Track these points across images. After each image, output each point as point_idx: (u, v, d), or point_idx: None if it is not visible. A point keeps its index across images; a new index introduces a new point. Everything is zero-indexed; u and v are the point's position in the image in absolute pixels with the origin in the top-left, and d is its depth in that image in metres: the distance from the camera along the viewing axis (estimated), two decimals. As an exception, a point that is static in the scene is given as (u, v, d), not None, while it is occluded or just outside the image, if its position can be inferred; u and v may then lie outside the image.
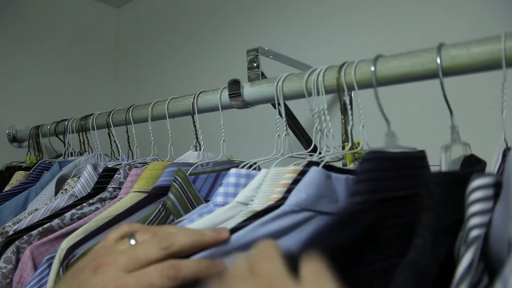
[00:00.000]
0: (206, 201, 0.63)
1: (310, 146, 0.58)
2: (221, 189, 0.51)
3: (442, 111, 0.47)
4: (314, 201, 0.43)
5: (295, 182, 0.44)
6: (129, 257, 0.34)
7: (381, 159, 0.39)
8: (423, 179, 0.36)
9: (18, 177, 1.04)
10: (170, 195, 0.54)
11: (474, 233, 0.32)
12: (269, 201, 0.44)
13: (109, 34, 1.80)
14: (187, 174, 0.59)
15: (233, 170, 0.52)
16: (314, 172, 0.44)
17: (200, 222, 0.45)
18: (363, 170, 0.38)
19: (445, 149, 0.45)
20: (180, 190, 0.55)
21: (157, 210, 0.55)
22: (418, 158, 0.43)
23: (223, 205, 0.49)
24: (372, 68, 0.52)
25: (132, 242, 0.36)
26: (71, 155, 1.07)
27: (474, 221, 0.32)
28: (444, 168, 0.45)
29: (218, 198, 0.51)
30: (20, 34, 1.49)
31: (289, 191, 0.43)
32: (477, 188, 0.33)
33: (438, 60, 0.46)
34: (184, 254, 0.35)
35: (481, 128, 0.73)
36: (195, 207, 0.58)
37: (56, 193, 0.86)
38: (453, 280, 0.30)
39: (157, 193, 0.63)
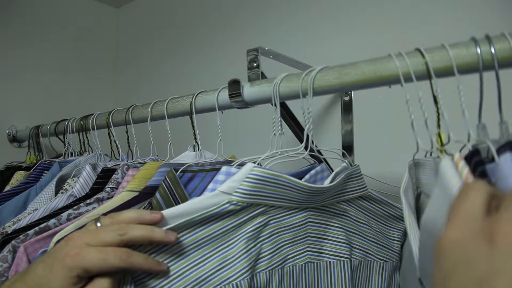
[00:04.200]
0: None
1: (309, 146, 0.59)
2: (210, 186, 0.54)
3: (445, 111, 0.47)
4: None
5: None
6: (92, 236, 0.43)
7: None
8: None
9: (18, 177, 1.04)
10: (157, 194, 0.55)
11: None
12: None
13: (108, 34, 1.80)
14: (184, 171, 0.59)
15: (223, 168, 0.55)
16: None
17: (182, 205, 0.48)
18: None
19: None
20: (167, 190, 0.56)
21: (142, 207, 0.56)
22: None
23: None
24: (372, 68, 0.52)
25: (98, 224, 0.46)
26: (71, 155, 1.07)
27: None
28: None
29: (206, 194, 0.53)
30: (20, 34, 1.49)
31: None
32: None
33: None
34: (135, 243, 0.45)
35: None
36: None
37: (56, 193, 0.86)
38: None
39: (147, 193, 0.64)
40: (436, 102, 0.46)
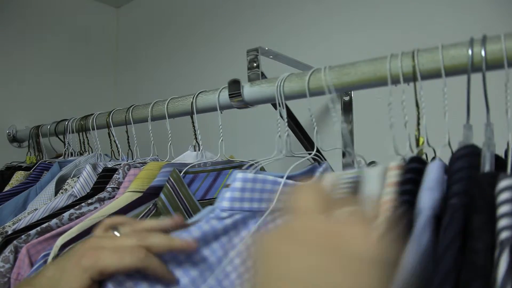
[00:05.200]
0: (203, 200, 0.63)
1: (310, 146, 0.59)
2: (227, 194, 0.50)
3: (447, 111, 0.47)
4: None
5: None
6: (112, 242, 0.42)
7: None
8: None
9: (18, 177, 1.04)
10: (162, 195, 0.54)
11: (505, 235, 0.32)
12: None
13: (109, 34, 1.80)
14: (185, 172, 0.59)
15: (239, 175, 0.50)
16: None
17: (200, 227, 0.46)
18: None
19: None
20: (172, 191, 0.55)
21: (148, 209, 0.55)
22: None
23: (229, 210, 0.49)
24: (372, 68, 0.52)
25: (117, 233, 0.44)
26: (71, 155, 1.07)
27: (504, 222, 0.32)
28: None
29: (224, 203, 0.49)
30: (20, 34, 1.49)
31: None
32: (506, 189, 0.33)
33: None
34: (155, 251, 0.43)
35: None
36: (187, 208, 0.59)
37: (56, 193, 0.86)
38: (495, 284, 0.30)
39: (151, 193, 0.63)
40: (417, 105, 0.47)
